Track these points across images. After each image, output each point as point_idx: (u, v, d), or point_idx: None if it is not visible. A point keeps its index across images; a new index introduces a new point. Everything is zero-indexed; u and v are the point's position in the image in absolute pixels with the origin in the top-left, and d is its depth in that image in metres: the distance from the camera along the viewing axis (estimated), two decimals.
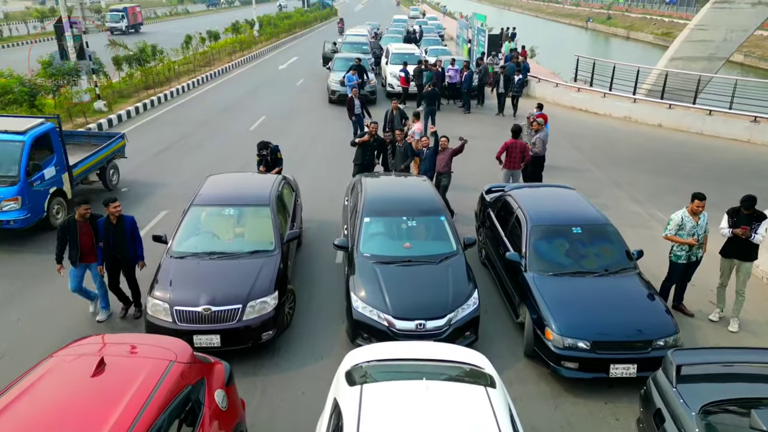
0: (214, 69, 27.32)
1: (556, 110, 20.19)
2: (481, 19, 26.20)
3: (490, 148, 15.24)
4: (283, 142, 15.67)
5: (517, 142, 10.76)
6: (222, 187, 8.30)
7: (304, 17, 58.63)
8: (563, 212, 7.58)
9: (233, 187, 8.46)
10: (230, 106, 20.18)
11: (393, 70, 21.83)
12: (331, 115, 19.12)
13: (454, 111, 20.00)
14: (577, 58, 23.68)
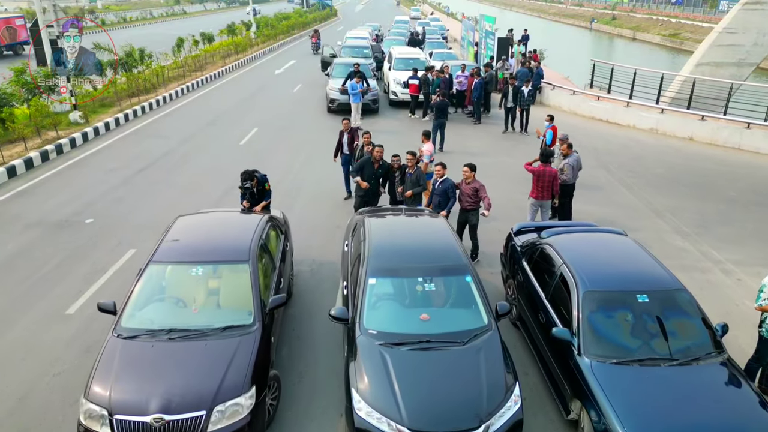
0: (206, 74, 25.72)
1: (575, 121, 18.61)
2: (490, 21, 24.57)
3: (506, 165, 13.80)
4: (274, 160, 14.25)
5: (547, 169, 9.18)
6: (192, 235, 6.67)
7: (303, 18, 57.02)
8: (622, 272, 5.95)
9: (206, 234, 6.80)
10: (220, 116, 18.58)
11: (397, 76, 20.24)
12: (329, 127, 17.50)
13: (463, 121, 18.39)
14: (593, 63, 22.10)
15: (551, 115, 12.44)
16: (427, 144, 11.17)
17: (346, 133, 11.74)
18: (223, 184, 12.13)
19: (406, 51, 22.37)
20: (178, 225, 6.79)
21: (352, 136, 11.77)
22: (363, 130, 11.12)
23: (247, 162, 13.63)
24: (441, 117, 14.77)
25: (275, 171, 12.81)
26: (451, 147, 15.28)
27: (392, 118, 18.83)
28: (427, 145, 11.15)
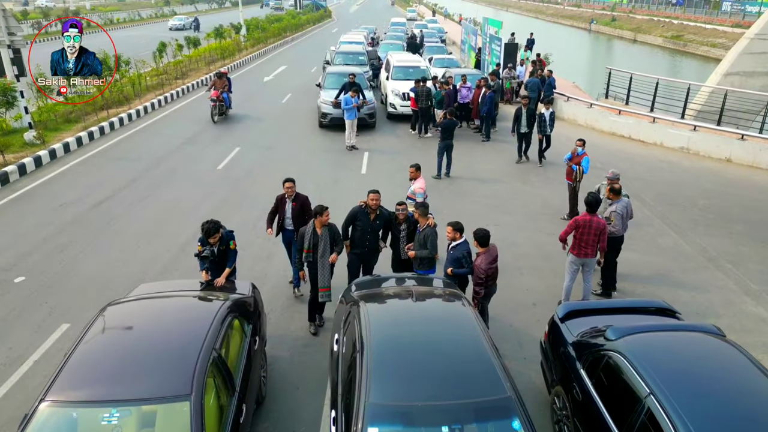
0: (188, 82, 23.72)
1: (593, 137, 16.72)
2: (496, 26, 22.69)
3: (524, 195, 11.91)
4: (255, 190, 12.14)
5: (593, 220, 7.25)
6: (113, 346, 4.65)
7: (295, 20, 55.01)
8: (743, 415, 4.03)
9: (134, 343, 4.71)
10: (200, 132, 16.61)
11: (396, 87, 18.34)
12: (321, 146, 15.57)
13: (469, 138, 16.49)
14: (609, 72, 20.26)
15: (583, 139, 10.52)
16: (419, 181, 9.13)
17: (290, 201, 7.99)
18: (192, 225, 10.15)
19: (406, 58, 20.45)
20: (101, 324, 4.83)
21: (301, 206, 7.97)
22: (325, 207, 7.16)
23: (223, 194, 11.75)
24: (447, 138, 12.86)
25: (255, 206, 10.93)
26: (459, 171, 13.39)
27: (391, 134, 16.92)
28: (418, 182, 9.11)
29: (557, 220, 10.68)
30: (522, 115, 13.78)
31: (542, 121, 13.56)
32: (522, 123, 13.77)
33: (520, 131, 13.97)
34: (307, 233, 6.95)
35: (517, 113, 13.83)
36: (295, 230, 7.59)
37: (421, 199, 8.71)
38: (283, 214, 8.05)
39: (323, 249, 6.92)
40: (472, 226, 10.44)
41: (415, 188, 8.99)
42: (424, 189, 9.08)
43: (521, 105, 13.83)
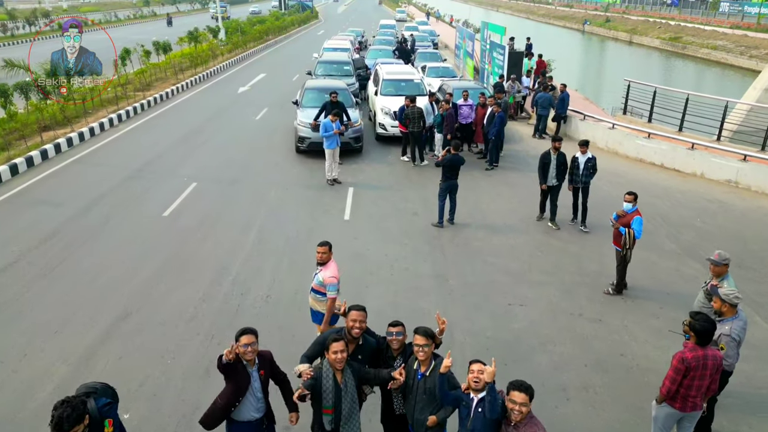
0: (151, 95, 20.97)
1: (616, 164, 14.28)
2: (498, 32, 20.20)
3: (549, 250, 9.01)
4: (204, 251, 8.91)
5: (707, 356, 4.57)
6: None
7: (279, 22, 52.18)
8: None
9: None
10: (151, 162, 13.89)
11: (385, 104, 15.75)
12: (296, 179, 12.94)
13: (473, 166, 13.92)
14: (628, 84, 17.81)
15: (634, 193, 7.97)
16: (330, 267, 5.98)
17: (254, 369, 4.36)
18: (111, 312, 7.51)
19: (397, 70, 17.85)
20: None
21: (270, 371, 4.53)
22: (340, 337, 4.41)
23: (163, 256, 9.03)
24: (451, 177, 10.29)
25: (201, 277, 8.27)
26: (464, 214, 10.88)
27: (381, 162, 14.32)
28: (329, 268, 5.96)
29: (599, 294, 8.17)
30: (551, 161, 10.23)
31: (575, 169, 10.14)
32: (550, 173, 10.27)
33: (547, 184, 10.39)
34: (325, 382, 4.27)
35: (544, 159, 10.27)
36: (267, 417, 4.63)
37: (334, 293, 5.75)
38: (240, 395, 4.33)
39: (349, 407, 4.30)
40: (487, 304, 7.97)
41: (324, 278, 5.82)
42: (338, 278, 5.90)
43: (550, 149, 10.26)
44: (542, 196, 10.67)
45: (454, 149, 10.21)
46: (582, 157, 10.20)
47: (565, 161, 10.26)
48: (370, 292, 8.07)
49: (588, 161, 10.11)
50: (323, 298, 5.89)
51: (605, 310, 7.72)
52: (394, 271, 8.71)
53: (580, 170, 10.13)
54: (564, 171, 10.27)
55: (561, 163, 10.25)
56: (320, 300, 5.95)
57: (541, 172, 10.35)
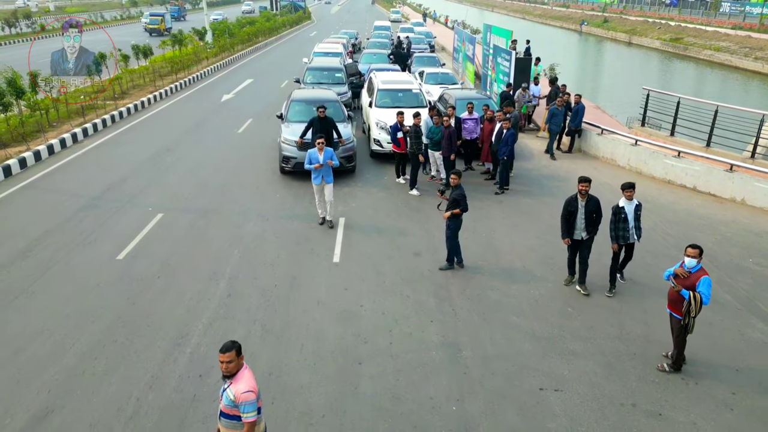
0: (125, 104, 19.19)
1: (642, 186, 12.58)
2: (504, 36, 18.52)
3: (581, 308, 7.11)
4: (159, 312, 7.13)
5: None
6: None
7: (270, 23, 50.35)
8: None
9: None
10: (112, 187, 12.12)
11: (381, 117, 14.07)
12: (279, 208, 11.20)
13: (480, 188, 12.29)
14: (647, 93, 16.21)
15: (698, 246, 6.27)
16: (243, 378, 4.19)
17: None
18: (30, 406, 5.80)
19: (394, 79, 16.14)
20: None
21: None
22: None
23: (105, 322, 7.18)
24: (454, 228, 8.63)
25: (151, 355, 6.50)
26: (475, 252, 9.24)
27: (376, 185, 12.62)
28: (243, 380, 4.18)
29: (652, 370, 6.51)
30: (578, 209, 7.78)
31: (621, 222, 7.69)
32: (578, 225, 7.84)
33: (574, 237, 7.97)
34: None
35: (569, 207, 7.84)
36: None
37: (252, 415, 4.11)
38: None
39: None
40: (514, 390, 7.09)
41: (237, 394, 4.11)
42: (256, 392, 4.19)
43: (577, 195, 7.85)
44: (569, 252, 8.30)
45: (456, 178, 8.49)
46: (628, 205, 7.71)
47: (597, 210, 7.85)
48: (364, 373, 6.38)
49: (637, 210, 7.78)
50: (239, 425, 4.17)
51: (664, 398, 6.06)
52: (393, 339, 7.03)
53: (630, 222, 7.65)
54: (596, 222, 7.89)
55: (591, 212, 7.84)
56: (235, 427, 4.22)
57: (565, 222, 7.96)
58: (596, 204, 7.85)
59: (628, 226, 7.71)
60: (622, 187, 7.80)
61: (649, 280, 8.46)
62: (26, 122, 15.27)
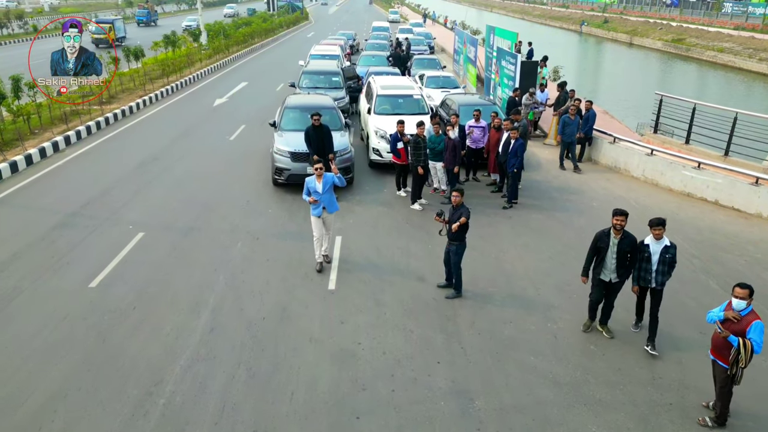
0: (112, 110, 18.35)
1: (659, 199, 11.84)
2: (509, 39, 17.70)
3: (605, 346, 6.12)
4: (132, 350, 6.58)
5: None
6: None
7: (267, 24, 49.51)
8: None
9: None
10: (91, 202, 11.24)
11: (380, 124, 13.25)
12: (270, 225, 10.35)
13: (487, 202, 11.49)
14: (660, 98, 15.42)
15: (747, 286, 5.43)
16: None
17: None
18: None
19: (393, 83, 15.31)
20: None
21: None
22: None
23: (74, 360, 6.20)
24: (458, 237, 7.80)
25: (121, 404, 5.67)
26: (485, 276, 8.41)
27: (375, 198, 11.77)
28: None
29: (693, 425, 5.69)
30: (609, 246, 6.71)
31: (644, 261, 6.60)
32: (607, 264, 6.76)
33: (601, 278, 6.88)
34: None
35: (599, 242, 6.76)
36: None
37: None
38: None
39: None
40: None
41: None
42: None
43: (610, 229, 6.69)
44: (593, 293, 7.04)
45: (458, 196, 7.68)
46: (655, 244, 6.55)
47: (633, 249, 6.64)
48: (362, 429, 5.55)
49: (666, 252, 6.52)
50: None
51: None
52: (396, 385, 6.19)
53: (653, 264, 6.55)
54: (630, 264, 6.73)
55: (625, 252, 6.64)
56: None
57: (591, 259, 6.90)
58: (632, 243, 6.66)
59: (650, 268, 6.56)
60: (650, 223, 6.56)
61: (679, 310, 7.65)
62: (6, 129, 14.43)
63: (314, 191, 8.35)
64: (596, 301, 7.08)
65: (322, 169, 8.33)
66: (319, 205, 8.36)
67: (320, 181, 8.35)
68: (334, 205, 8.61)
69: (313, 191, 8.37)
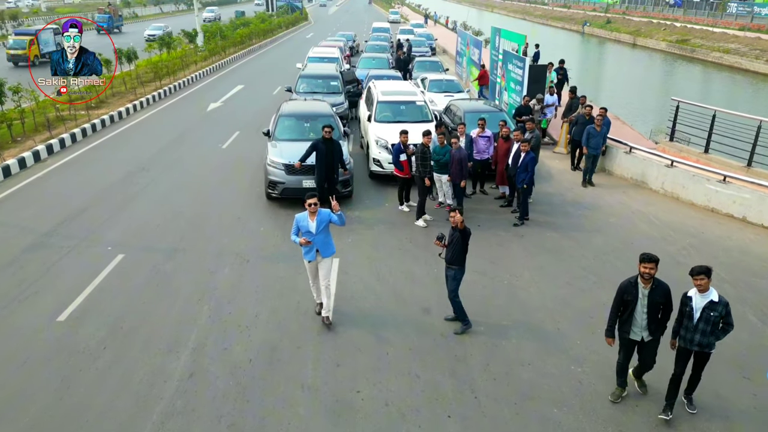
0: (101, 115, 17.52)
1: (681, 215, 11.00)
2: (516, 41, 16.85)
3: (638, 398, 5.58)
4: (103, 392, 5.78)
5: None
6: None
7: (265, 24, 48.67)
8: None
9: None
10: (69, 220, 10.38)
11: (381, 133, 12.43)
12: (261, 246, 9.51)
13: (495, 219, 10.67)
14: (677, 105, 14.60)
15: None
16: None
17: None
18: None
19: (395, 89, 14.46)
20: None
21: None
22: None
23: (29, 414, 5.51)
24: (458, 261, 6.99)
25: None
26: (498, 308, 7.56)
27: (375, 215, 10.92)
28: None
29: None
30: (638, 299, 5.52)
31: (687, 317, 5.44)
32: (637, 321, 5.61)
33: (630, 337, 5.74)
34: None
35: (625, 295, 5.60)
36: None
37: None
38: None
39: None
40: None
41: None
42: None
43: (637, 278, 5.52)
44: (621, 354, 5.91)
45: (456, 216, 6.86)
46: (699, 298, 5.36)
47: (666, 301, 5.53)
48: None
49: (710, 309, 5.30)
50: None
51: None
52: None
53: (695, 321, 5.36)
54: (663, 318, 5.66)
55: (657, 304, 5.52)
56: None
57: (616, 314, 5.75)
58: (664, 293, 5.50)
59: (692, 326, 5.39)
60: (692, 272, 5.33)
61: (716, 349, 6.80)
62: None
63: (306, 231, 6.93)
64: (625, 365, 5.94)
65: (317, 205, 6.89)
66: (312, 248, 6.98)
67: (314, 219, 6.90)
68: (330, 248, 7.15)
69: (304, 231, 6.93)
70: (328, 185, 10.41)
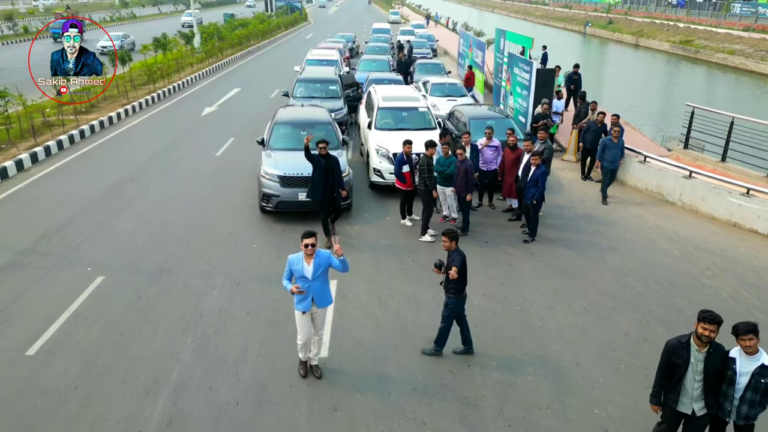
0: (90, 120, 16.85)
1: (702, 230, 10.33)
2: (523, 44, 16.16)
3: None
4: None
5: None
6: None
7: (264, 25, 47.99)
8: None
9: None
10: (47, 236, 9.69)
11: (382, 142, 11.77)
12: (256, 263, 8.83)
13: (503, 234, 10.00)
14: (692, 111, 13.93)
15: None
16: None
17: None
18: None
19: (396, 94, 13.78)
20: None
21: None
22: None
23: None
24: (456, 289, 6.33)
25: None
26: (510, 340, 6.88)
27: (376, 230, 10.24)
28: None
29: None
30: (690, 363, 4.50)
31: (729, 383, 4.46)
32: (687, 388, 4.56)
33: (678, 409, 4.69)
34: None
35: (673, 358, 4.56)
36: None
37: None
38: None
39: None
40: None
41: None
42: None
43: (690, 339, 4.50)
44: (663, 424, 4.90)
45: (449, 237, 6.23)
46: (746, 361, 4.41)
47: (725, 368, 4.49)
48: None
49: (761, 375, 4.33)
50: None
51: None
52: None
53: (737, 389, 4.45)
54: (719, 388, 4.55)
55: (714, 371, 4.49)
56: None
57: (664, 379, 4.69)
58: (723, 359, 4.49)
59: (732, 393, 4.46)
60: (736, 331, 4.38)
61: None
62: None
63: (300, 276, 5.72)
64: (672, 419, 4.82)
65: (314, 246, 5.70)
66: (307, 297, 5.82)
67: (311, 262, 5.71)
68: (328, 297, 6.04)
69: (298, 276, 5.73)
70: (331, 207, 9.66)
